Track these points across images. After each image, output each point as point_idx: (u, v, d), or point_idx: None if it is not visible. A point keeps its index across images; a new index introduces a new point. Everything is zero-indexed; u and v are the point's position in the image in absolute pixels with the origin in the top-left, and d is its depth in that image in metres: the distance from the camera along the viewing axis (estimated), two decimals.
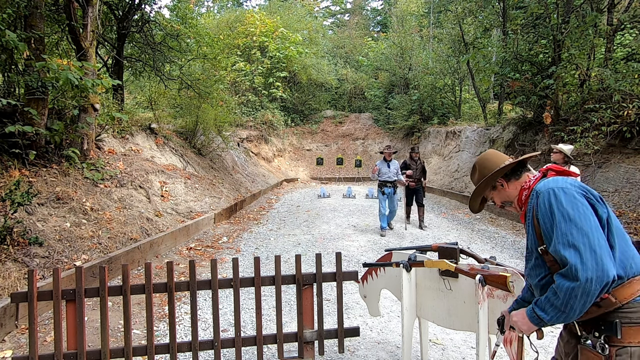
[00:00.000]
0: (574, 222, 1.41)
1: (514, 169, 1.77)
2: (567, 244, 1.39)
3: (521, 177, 1.75)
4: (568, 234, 1.40)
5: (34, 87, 5.48)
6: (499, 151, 3.27)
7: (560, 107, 9.25)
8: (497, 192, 1.82)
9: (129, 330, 2.75)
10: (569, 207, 1.44)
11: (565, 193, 1.47)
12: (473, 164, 1.92)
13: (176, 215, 7.37)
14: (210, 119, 11.61)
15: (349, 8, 42.92)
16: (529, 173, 1.76)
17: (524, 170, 1.77)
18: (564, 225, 1.42)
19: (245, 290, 4.49)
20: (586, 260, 1.35)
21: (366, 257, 5.94)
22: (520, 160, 1.77)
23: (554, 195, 1.49)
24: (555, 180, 1.56)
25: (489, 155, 1.86)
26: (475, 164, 1.90)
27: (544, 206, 1.50)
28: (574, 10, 9.13)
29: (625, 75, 7.71)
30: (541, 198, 1.53)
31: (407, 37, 21.75)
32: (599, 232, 1.40)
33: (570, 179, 1.58)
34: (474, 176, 1.92)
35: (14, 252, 4.20)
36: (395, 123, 19.93)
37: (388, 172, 7.63)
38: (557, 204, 1.46)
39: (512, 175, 1.77)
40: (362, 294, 3.20)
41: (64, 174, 5.88)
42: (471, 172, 1.94)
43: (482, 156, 1.89)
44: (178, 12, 11.10)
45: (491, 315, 2.34)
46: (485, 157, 1.87)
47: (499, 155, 1.85)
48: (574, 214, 1.42)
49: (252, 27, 21.67)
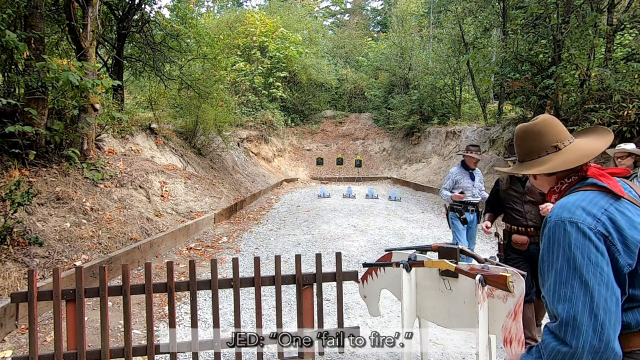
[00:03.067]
0: (578, 272, 1.12)
1: None
2: (564, 297, 1.12)
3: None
4: (567, 285, 1.13)
5: (34, 87, 5.48)
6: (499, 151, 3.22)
7: (560, 107, 9.25)
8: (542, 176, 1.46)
9: (129, 330, 2.75)
10: (577, 250, 1.13)
11: (578, 230, 1.15)
12: (528, 128, 1.47)
13: (176, 215, 7.36)
14: (210, 119, 11.61)
15: (349, 8, 42.92)
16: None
17: None
18: (565, 273, 1.14)
19: (245, 290, 4.48)
20: (581, 324, 1.08)
21: (366, 257, 5.94)
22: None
23: (563, 231, 1.17)
24: (574, 205, 1.21)
25: (553, 122, 1.45)
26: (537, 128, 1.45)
27: (548, 241, 1.21)
28: (574, 10, 9.13)
29: (625, 75, 7.71)
30: (548, 227, 1.22)
31: (407, 37, 21.76)
32: (610, 291, 1.10)
33: (602, 202, 1.20)
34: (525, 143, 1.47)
35: (14, 252, 4.19)
36: (395, 123, 19.93)
37: (471, 187, 4.86)
38: (564, 243, 1.16)
39: None
40: (362, 294, 3.20)
41: (64, 174, 5.88)
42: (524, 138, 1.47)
43: (543, 120, 1.46)
44: (178, 12, 11.11)
45: (491, 315, 2.34)
46: (552, 122, 1.45)
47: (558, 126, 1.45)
48: (581, 262, 1.12)
49: (252, 27, 21.67)
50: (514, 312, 2.22)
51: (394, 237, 7.32)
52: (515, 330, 2.19)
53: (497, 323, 2.32)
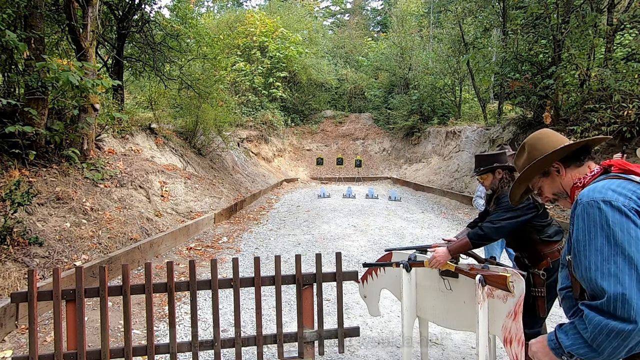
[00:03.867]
0: (621, 247, 1.10)
1: (576, 152, 1.41)
2: (608, 273, 1.10)
3: (583, 165, 1.41)
4: (611, 261, 1.11)
5: (34, 87, 5.48)
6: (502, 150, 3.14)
7: (560, 107, 9.26)
8: (549, 179, 1.46)
9: (129, 330, 2.75)
10: (616, 227, 1.12)
11: (613, 208, 1.14)
12: (522, 144, 1.54)
13: (176, 215, 7.36)
14: (210, 119, 11.61)
15: (349, 8, 42.92)
16: (591, 163, 1.42)
17: (587, 157, 1.42)
18: (607, 250, 1.12)
19: (245, 290, 4.48)
20: (631, 298, 1.06)
21: (366, 257, 5.94)
22: (587, 142, 1.42)
23: (597, 210, 1.16)
24: (605, 187, 1.21)
25: (544, 134, 1.50)
26: (525, 144, 1.53)
27: (582, 222, 1.19)
28: (574, 10, 9.13)
29: (625, 75, 7.71)
30: (580, 209, 1.21)
31: (407, 37, 21.76)
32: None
33: (629, 185, 1.21)
34: (520, 159, 1.54)
35: (14, 252, 4.19)
36: (395, 123, 19.93)
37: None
38: (601, 221, 1.15)
39: (573, 160, 1.41)
40: (362, 294, 3.20)
41: (64, 174, 5.88)
42: (516, 155, 1.56)
43: (535, 135, 1.52)
44: (178, 12, 11.10)
45: (491, 315, 2.34)
46: (539, 136, 1.50)
47: (556, 135, 1.49)
48: (623, 237, 1.11)
49: (252, 27, 21.67)
50: (514, 312, 2.22)
51: (394, 237, 7.31)
52: (515, 330, 2.19)
53: (497, 323, 2.32)
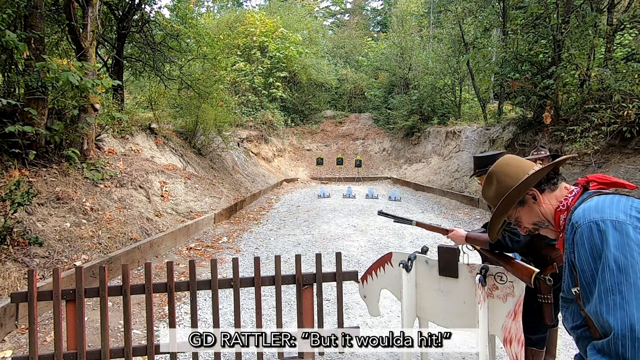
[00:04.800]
0: (626, 274, 0.98)
1: (548, 176, 1.31)
2: (614, 306, 0.97)
3: (557, 187, 1.30)
4: (615, 291, 0.98)
5: (34, 87, 5.48)
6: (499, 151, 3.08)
7: (560, 107, 9.26)
8: (527, 209, 1.32)
9: (129, 330, 2.75)
10: (618, 250, 1.01)
11: (615, 229, 1.03)
12: (487, 174, 1.41)
13: (176, 215, 7.36)
14: (210, 119, 11.61)
15: (349, 8, 42.92)
16: (565, 183, 1.32)
17: (559, 178, 1.32)
18: (609, 278, 1.00)
19: (245, 290, 4.48)
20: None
21: (366, 257, 5.94)
22: (557, 163, 1.33)
23: (598, 232, 1.05)
24: (600, 207, 1.10)
25: (511, 160, 1.38)
26: (492, 174, 1.39)
27: (583, 247, 1.08)
28: (574, 10, 9.13)
29: (625, 75, 7.71)
30: (579, 234, 1.10)
31: (407, 37, 21.75)
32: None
33: (622, 200, 1.11)
34: (489, 190, 1.39)
35: (14, 252, 4.19)
36: (395, 123, 19.93)
37: None
38: (603, 245, 1.03)
39: (547, 185, 1.30)
40: (362, 294, 3.20)
41: (64, 174, 5.88)
42: (484, 186, 1.42)
43: (501, 163, 1.38)
44: (178, 12, 11.10)
45: (491, 315, 2.34)
46: (506, 163, 1.37)
47: (522, 160, 1.37)
48: (626, 262, 0.99)
49: (252, 27, 21.67)
50: (514, 312, 2.22)
51: (394, 237, 7.31)
52: (515, 330, 2.19)
53: (497, 323, 2.32)
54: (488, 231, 1.45)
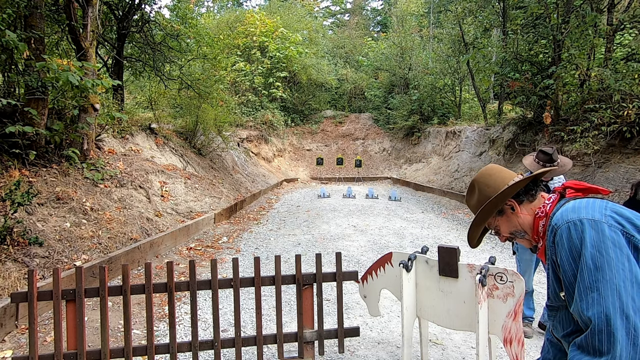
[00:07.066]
0: (602, 271, 1.03)
1: (527, 187, 1.36)
2: (591, 302, 1.02)
3: (536, 199, 1.35)
4: (593, 288, 1.03)
5: (34, 87, 5.48)
6: (499, 151, 3.04)
7: (560, 107, 9.26)
8: (505, 218, 1.38)
9: (129, 330, 2.75)
10: (594, 248, 1.05)
11: (591, 228, 1.08)
12: (471, 182, 1.49)
13: (176, 215, 7.36)
14: (210, 119, 11.61)
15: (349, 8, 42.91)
16: (544, 193, 1.37)
17: (538, 190, 1.37)
18: (587, 276, 1.05)
19: (245, 290, 4.48)
20: (615, 328, 0.97)
21: (366, 257, 5.94)
22: (536, 175, 1.37)
23: (575, 231, 1.10)
24: (576, 208, 1.16)
25: (492, 170, 1.44)
26: (474, 183, 1.46)
27: (564, 248, 1.12)
28: (574, 10, 9.13)
29: (625, 75, 7.71)
30: (559, 235, 1.15)
31: (407, 37, 21.76)
32: (636, 288, 1.01)
33: (597, 202, 1.16)
34: (471, 198, 1.47)
35: (14, 252, 4.19)
36: (395, 123, 19.94)
37: None
38: (581, 243, 1.08)
39: (525, 196, 1.36)
40: (362, 294, 3.20)
41: (64, 174, 5.88)
42: (467, 193, 1.50)
43: (483, 172, 1.45)
44: (178, 12, 11.11)
45: (491, 315, 2.34)
46: (488, 173, 1.43)
47: (504, 171, 1.43)
48: (602, 259, 1.04)
49: (252, 27, 21.67)
50: (514, 312, 2.22)
51: (394, 237, 7.31)
52: (515, 330, 2.19)
53: (497, 323, 2.32)
54: (468, 238, 1.50)
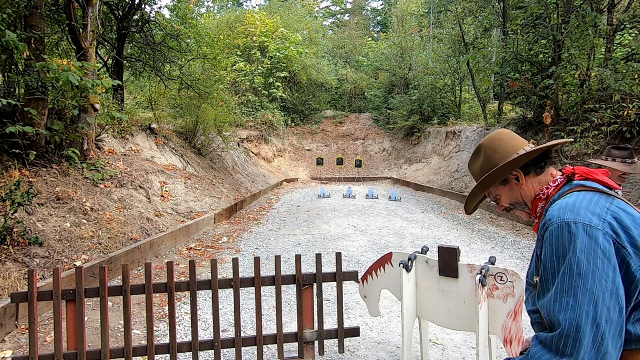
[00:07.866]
0: (584, 279, 1.01)
1: (537, 158, 1.28)
2: (566, 306, 1.02)
3: (543, 172, 1.28)
4: (570, 293, 1.02)
5: (34, 87, 5.48)
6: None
7: (560, 107, 9.26)
8: (507, 188, 1.32)
9: (129, 330, 2.75)
10: (582, 255, 1.02)
11: (585, 233, 1.04)
12: (477, 146, 1.39)
13: (176, 215, 7.36)
14: (210, 119, 11.61)
15: (349, 8, 42.92)
16: (552, 169, 1.29)
17: (548, 162, 1.29)
18: (567, 280, 1.03)
19: (245, 290, 4.48)
20: (583, 335, 0.98)
21: (366, 257, 5.94)
22: (549, 147, 1.28)
23: (568, 234, 1.06)
24: (576, 207, 1.09)
25: (503, 135, 1.34)
26: (481, 147, 1.37)
27: (551, 246, 1.09)
28: (574, 10, 9.13)
29: (625, 75, 7.72)
30: (549, 231, 1.10)
31: (407, 37, 21.76)
32: (614, 300, 1.00)
33: (601, 202, 1.10)
34: (475, 163, 1.39)
35: (14, 252, 4.19)
36: (395, 123, 19.94)
37: None
38: (570, 247, 1.05)
39: (533, 167, 1.28)
40: (362, 294, 3.20)
41: (64, 174, 5.88)
42: (471, 157, 1.42)
43: (493, 136, 1.35)
44: (178, 12, 11.11)
45: (491, 315, 2.34)
46: (498, 137, 1.34)
47: (516, 138, 1.33)
48: (588, 267, 1.01)
49: (252, 27, 21.67)
50: (514, 312, 2.22)
51: (394, 237, 7.31)
52: (515, 330, 2.19)
53: (497, 323, 2.32)
54: (465, 204, 1.44)
